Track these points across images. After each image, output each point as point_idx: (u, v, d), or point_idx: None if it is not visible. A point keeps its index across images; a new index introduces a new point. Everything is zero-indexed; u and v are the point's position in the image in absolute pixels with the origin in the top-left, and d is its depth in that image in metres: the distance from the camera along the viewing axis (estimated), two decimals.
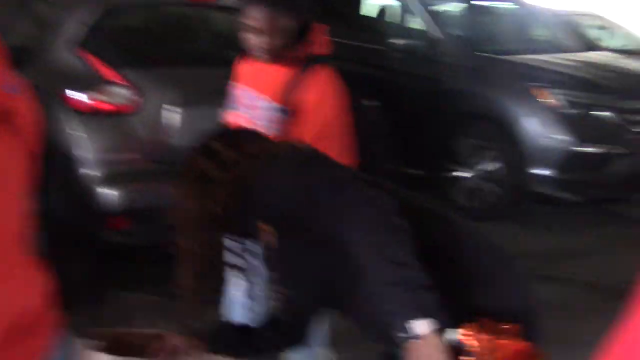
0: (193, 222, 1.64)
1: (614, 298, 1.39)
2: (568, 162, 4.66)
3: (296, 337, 1.73)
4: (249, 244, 1.74)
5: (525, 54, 5.38)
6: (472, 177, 5.07)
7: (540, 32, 6.22)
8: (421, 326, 1.28)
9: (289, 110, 2.14)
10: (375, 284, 1.36)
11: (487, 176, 4.99)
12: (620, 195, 4.91)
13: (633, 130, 4.75)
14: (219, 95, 2.50)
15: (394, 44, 5.46)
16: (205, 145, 1.72)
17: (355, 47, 5.55)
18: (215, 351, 1.67)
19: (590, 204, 5.00)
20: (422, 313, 1.29)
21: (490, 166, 4.98)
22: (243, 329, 1.75)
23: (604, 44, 7.29)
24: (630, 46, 7.79)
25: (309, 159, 1.63)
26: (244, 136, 1.80)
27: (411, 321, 1.28)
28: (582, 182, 4.71)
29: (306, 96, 2.13)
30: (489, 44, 5.61)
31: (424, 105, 5.29)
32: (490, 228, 2.48)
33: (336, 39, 4.86)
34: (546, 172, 4.68)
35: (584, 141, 4.66)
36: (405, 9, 5.82)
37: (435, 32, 5.40)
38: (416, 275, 1.32)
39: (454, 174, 5.11)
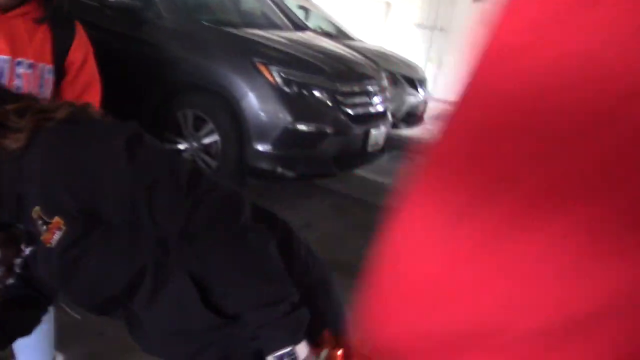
0: None
1: (334, 268, 1.46)
2: (284, 138, 4.82)
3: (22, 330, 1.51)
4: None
5: (244, 27, 5.39)
6: (191, 148, 4.98)
7: (254, 8, 6.32)
8: (301, 349, 1.15)
9: (60, 69, 1.94)
10: (248, 325, 1.18)
11: (206, 149, 4.94)
12: (329, 172, 5.24)
13: (341, 110, 5.10)
14: None
15: (108, 0, 5.03)
16: None
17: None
18: None
19: (303, 179, 5.28)
20: (298, 336, 1.16)
21: (210, 139, 4.93)
22: None
23: (308, 24, 7.70)
24: (330, 29, 8.39)
25: (137, 140, 1.21)
26: (5, 93, 1.38)
27: (291, 347, 1.14)
28: (296, 158, 4.92)
29: (74, 54, 1.98)
30: (210, 14, 5.51)
31: (142, 71, 5.00)
32: None
33: None
34: (264, 147, 4.78)
35: (298, 119, 4.85)
36: None
37: None
38: (290, 301, 1.16)
39: (174, 145, 4.96)
